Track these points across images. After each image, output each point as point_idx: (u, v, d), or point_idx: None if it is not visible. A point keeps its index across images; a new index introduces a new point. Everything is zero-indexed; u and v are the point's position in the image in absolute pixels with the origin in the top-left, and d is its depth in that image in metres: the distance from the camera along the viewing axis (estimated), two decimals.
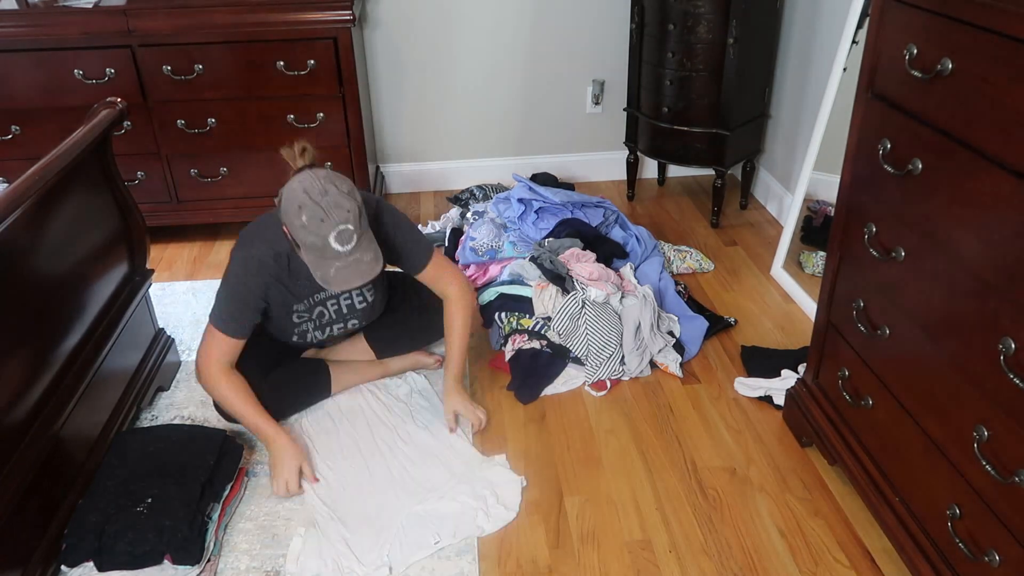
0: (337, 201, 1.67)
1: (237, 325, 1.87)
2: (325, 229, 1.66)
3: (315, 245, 1.68)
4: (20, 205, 1.56)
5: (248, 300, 1.87)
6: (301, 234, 1.68)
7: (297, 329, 2.00)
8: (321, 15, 2.68)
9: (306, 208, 1.66)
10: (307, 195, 1.67)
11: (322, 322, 2.02)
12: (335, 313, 2.02)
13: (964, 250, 1.30)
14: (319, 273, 1.72)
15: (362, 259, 1.73)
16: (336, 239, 1.67)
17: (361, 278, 1.74)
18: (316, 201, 1.66)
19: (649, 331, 2.27)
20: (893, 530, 1.57)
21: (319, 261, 1.71)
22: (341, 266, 1.71)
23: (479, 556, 1.71)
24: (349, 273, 1.72)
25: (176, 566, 1.64)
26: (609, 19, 3.24)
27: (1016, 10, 1.12)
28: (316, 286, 1.93)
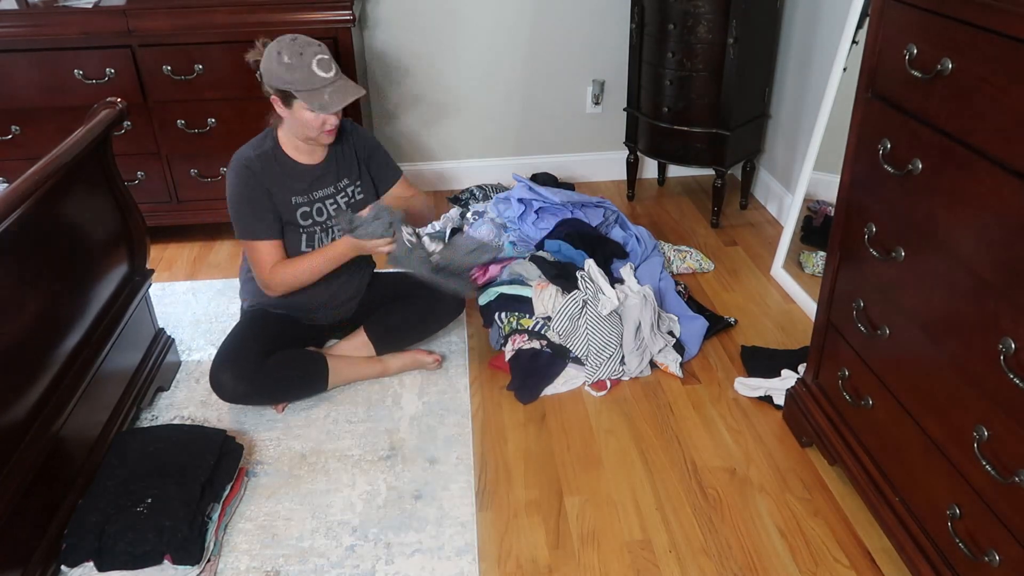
0: (307, 40, 1.91)
1: (264, 226, 2.01)
2: (306, 59, 1.87)
3: (303, 78, 1.87)
4: (20, 205, 1.56)
5: (256, 202, 2.00)
6: (288, 75, 1.87)
7: (305, 230, 2.08)
8: (321, 15, 2.68)
9: (284, 50, 1.88)
10: (279, 43, 1.90)
11: (325, 223, 2.10)
12: (333, 210, 2.11)
13: (964, 250, 1.30)
14: (315, 104, 1.89)
15: (347, 82, 1.94)
16: (318, 66, 1.88)
17: (354, 93, 1.93)
18: (289, 44, 1.89)
19: (649, 331, 2.27)
20: (893, 530, 1.57)
21: (311, 94, 1.88)
22: (331, 90, 1.90)
23: (479, 556, 1.71)
24: (340, 94, 1.91)
25: (176, 566, 1.64)
26: (609, 19, 3.24)
27: (1016, 10, 1.12)
28: (307, 181, 2.05)
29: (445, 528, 1.77)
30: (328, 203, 2.10)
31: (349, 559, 1.70)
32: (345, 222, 1.98)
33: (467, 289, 2.14)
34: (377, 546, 1.73)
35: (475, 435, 2.06)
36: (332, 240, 2.11)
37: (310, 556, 1.71)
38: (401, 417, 2.11)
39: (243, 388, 2.03)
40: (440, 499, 1.85)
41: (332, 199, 2.11)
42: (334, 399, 2.18)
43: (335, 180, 2.11)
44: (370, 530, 1.77)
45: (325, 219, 2.11)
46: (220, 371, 2.03)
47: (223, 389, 2.03)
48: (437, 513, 1.81)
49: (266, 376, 2.04)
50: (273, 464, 1.97)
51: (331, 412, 2.14)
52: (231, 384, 2.02)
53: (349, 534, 1.76)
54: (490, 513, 1.83)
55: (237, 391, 2.03)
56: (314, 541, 1.75)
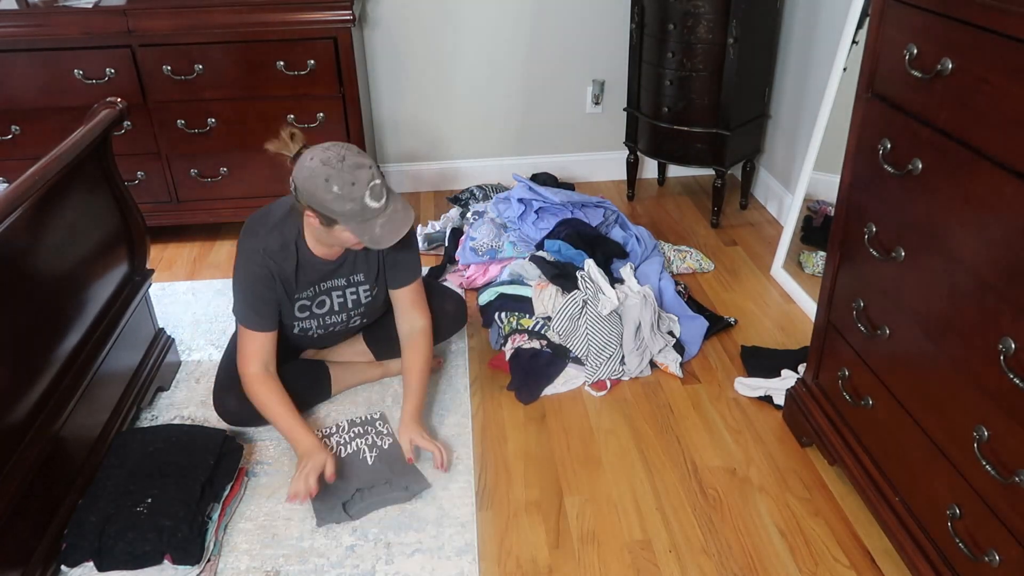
0: (357, 163, 1.71)
1: (260, 318, 1.88)
2: (358, 191, 1.68)
3: (354, 211, 1.70)
4: (20, 205, 1.56)
5: (263, 294, 1.87)
6: (337, 205, 1.69)
7: (299, 322, 1.98)
8: (321, 15, 2.68)
9: (333, 178, 1.68)
10: (328, 167, 1.68)
11: (323, 315, 2.00)
12: (339, 305, 2.00)
13: (964, 250, 1.30)
14: (366, 237, 1.74)
15: (397, 209, 1.77)
16: (371, 197, 1.70)
17: (406, 225, 1.77)
18: (340, 169, 1.68)
19: (649, 331, 2.27)
20: (893, 530, 1.57)
21: (361, 226, 1.73)
22: (383, 222, 1.74)
23: (479, 556, 1.71)
24: (393, 226, 1.75)
25: (176, 566, 1.64)
26: (609, 19, 3.24)
27: (1016, 10, 1.13)
28: (320, 273, 1.93)
29: (445, 528, 1.77)
30: (335, 295, 1.98)
31: (349, 559, 1.70)
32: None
33: (415, 484, 1.87)
34: (377, 546, 1.73)
35: (475, 435, 2.06)
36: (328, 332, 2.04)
37: (310, 556, 1.71)
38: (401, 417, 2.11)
39: (249, 410, 1.95)
40: (440, 499, 1.85)
41: (340, 292, 1.99)
42: (334, 399, 2.18)
43: (349, 273, 1.97)
44: (370, 530, 1.77)
45: (326, 312, 1.99)
46: (225, 395, 1.98)
47: (229, 413, 1.99)
48: (437, 513, 1.81)
49: None
50: (273, 464, 1.97)
51: (331, 412, 2.13)
52: (236, 407, 1.97)
53: (349, 534, 1.76)
54: (490, 513, 1.83)
55: (243, 413, 1.98)
56: (314, 541, 1.75)
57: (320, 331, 2.03)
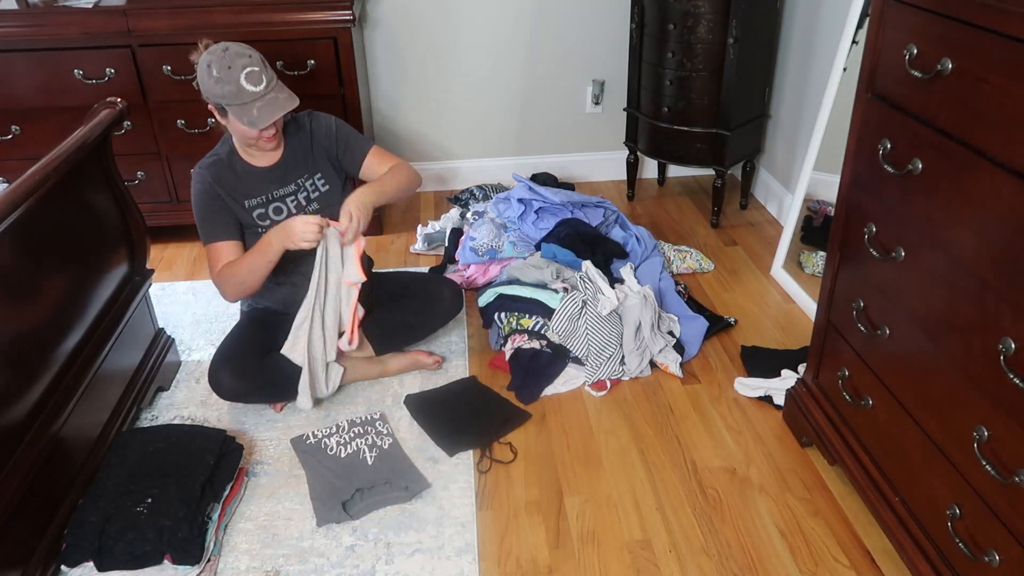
0: (238, 51, 1.88)
1: (219, 229, 2.01)
2: (234, 74, 1.85)
3: (231, 92, 1.86)
4: (20, 205, 1.56)
5: (212, 205, 2.00)
6: (217, 88, 1.86)
7: (263, 230, 2.04)
8: (321, 15, 2.68)
9: (213, 64, 1.86)
10: (211, 55, 1.88)
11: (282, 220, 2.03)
12: (295, 208, 2.09)
13: (964, 250, 1.30)
14: (245, 119, 1.88)
15: (277, 96, 1.91)
16: (247, 80, 1.86)
17: (281, 110, 1.91)
18: (219, 56, 1.87)
19: (649, 331, 2.27)
20: (893, 530, 1.57)
21: (241, 109, 1.88)
22: (260, 104, 1.88)
23: (479, 556, 1.71)
24: (269, 109, 1.89)
25: (176, 566, 1.64)
26: (609, 19, 3.24)
27: (1016, 10, 1.12)
28: (264, 182, 2.05)
29: (445, 528, 1.77)
30: (289, 200, 2.09)
31: (349, 559, 1.70)
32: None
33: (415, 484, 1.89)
34: (377, 546, 1.73)
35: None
36: None
37: (310, 556, 1.71)
38: (401, 417, 2.11)
39: (242, 386, 2.03)
40: (440, 499, 1.85)
41: (292, 196, 2.09)
42: (334, 399, 2.18)
43: (295, 177, 2.10)
44: (370, 530, 1.77)
45: (285, 216, 2.07)
46: (219, 369, 2.03)
47: (222, 387, 2.04)
48: (437, 513, 1.81)
49: (264, 374, 2.04)
50: (273, 464, 1.97)
51: (331, 412, 2.13)
52: (229, 382, 2.02)
53: (349, 534, 1.76)
54: (490, 513, 1.83)
55: (236, 389, 2.04)
56: (314, 541, 1.75)
57: None
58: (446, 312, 2.30)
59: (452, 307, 2.30)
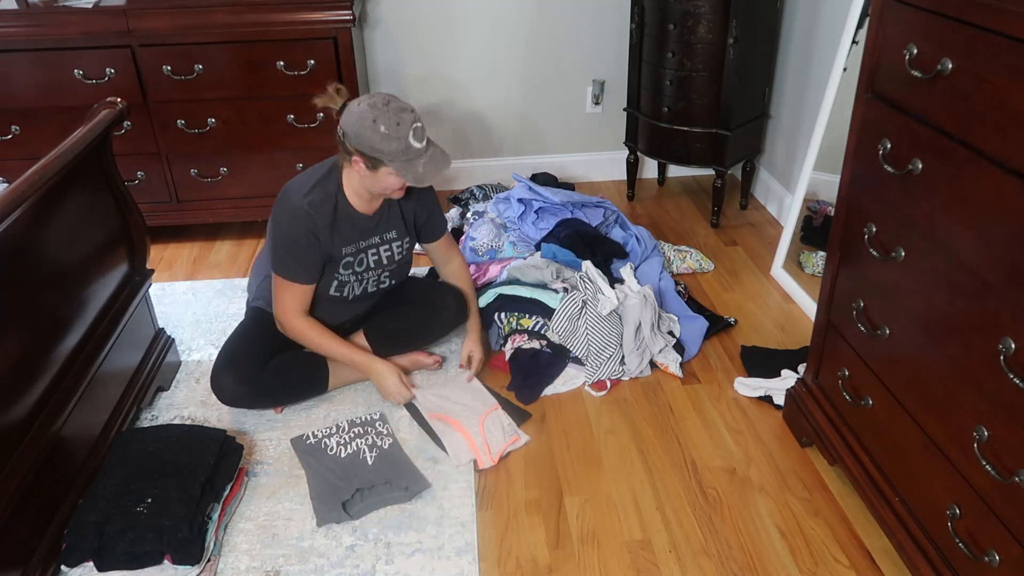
0: (401, 107, 1.87)
1: (303, 270, 2.00)
2: (403, 131, 1.84)
3: (398, 149, 1.84)
4: (20, 205, 1.55)
5: (304, 249, 1.98)
6: (384, 144, 1.83)
7: (339, 278, 2.08)
8: (321, 15, 2.68)
9: (381, 119, 1.83)
10: (375, 109, 1.84)
11: (362, 272, 2.11)
12: (374, 262, 2.12)
13: (964, 250, 1.30)
14: (410, 176, 1.88)
15: (437, 151, 1.92)
16: (414, 138, 1.85)
17: (446, 165, 1.92)
18: (386, 111, 1.84)
19: (649, 331, 2.26)
20: (893, 530, 1.57)
21: (406, 165, 1.87)
22: (425, 161, 1.89)
23: (479, 556, 1.71)
24: (434, 164, 1.90)
25: (176, 566, 1.64)
26: (609, 19, 3.24)
27: (1016, 10, 1.13)
28: (360, 230, 2.05)
29: (445, 528, 1.77)
30: (370, 253, 2.10)
31: (349, 559, 1.70)
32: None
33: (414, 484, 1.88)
34: (377, 546, 1.73)
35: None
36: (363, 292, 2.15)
37: (310, 556, 1.71)
38: (401, 417, 2.11)
39: (244, 391, 2.03)
40: (440, 499, 1.85)
41: (375, 250, 2.10)
42: (334, 399, 2.18)
43: (384, 231, 2.10)
44: (370, 530, 1.77)
45: (364, 269, 2.10)
46: (221, 374, 2.02)
47: (224, 392, 2.03)
48: (437, 513, 1.81)
49: (267, 380, 2.04)
50: (273, 464, 1.97)
51: (331, 412, 2.13)
52: (232, 386, 2.02)
53: (349, 534, 1.76)
54: (490, 513, 1.83)
55: (238, 394, 2.03)
56: (314, 541, 1.75)
57: (357, 289, 2.13)
58: (450, 321, 2.28)
59: (456, 316, 2.27)
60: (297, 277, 2.00)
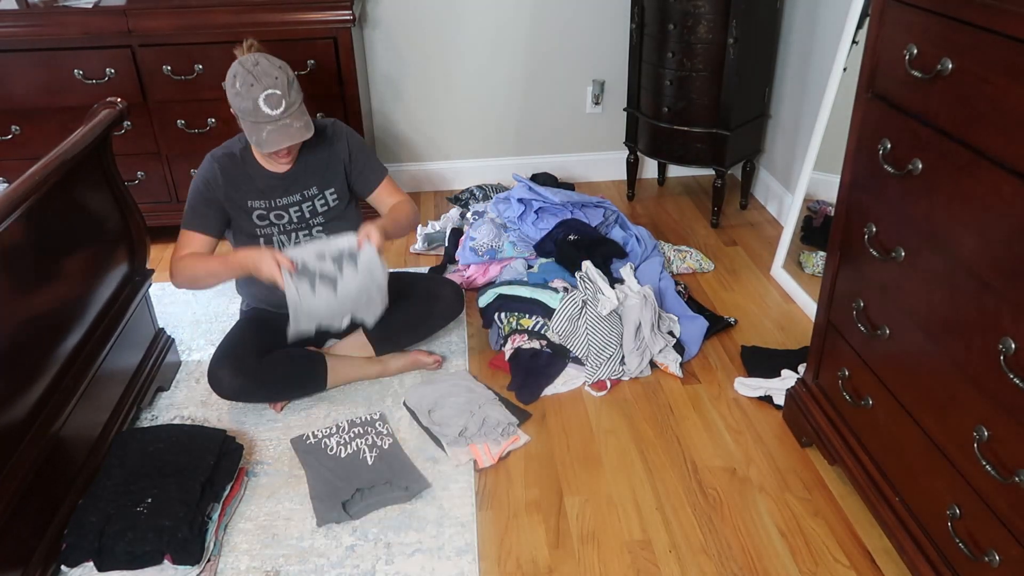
0: (266, 70, 1.85)
1: (198, 219, 2.04)
2: (255, 92, 1.83)
3: (247, 109, 1.85)
4: (20, 205, 1.56)
5: (206, 196, 2.02)
6: (236, 101, 1.86)
7: (261, 231, 2.07)
8: (321, 15, 2.68)
9: (239, 76, 1.85)
10: (240, 65, 1.86)
11: (285, 226, 2.09)
12: (297, 218, 2.09)
13: (964, 250, 1.30)
14: (254, 138, 1.88)
15: (292, 124, 1.88)
16: (265, 102, 1.83)
17: (290, 139, 1.88)
18: (248, 69, 1.85)
19: (649, 331, 2.26)
20: (893, 530, 1.57)
21: (253, 126, 1.87)
22: (272, 128, 1.86)
23: (479, 556, 1.71)
24: (279, 135, 1.87)
25: (176, 566, 1.64)
26: (609, 19, 3.24)
27: (1016, 10, 1.13)
28: (271, 186, 2.04)
29: (445, 528, 1.77)
30: (292, 210, 2.08)
31: (349, 559, 1.70)
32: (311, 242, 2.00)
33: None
34: (377, 546, 1.73)
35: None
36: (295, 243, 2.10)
37: (310, 556, 1.71)
38: (401, 417, 2.11)
39: (240, 383, 2.03)
40: (440, 499, 1.85)
41: (297, 206, 2.08)
42: (334, 399, 2.18)
43: (303, 187, 2.09)
44: (370, 530, 1.77)
45: (286, 222, 2.09)
46: (218, 366, 2.03)
47: (221, 384, 2.03)
48: (437, 513, 1.81)
49: (264, 372, 2.04)
50: (273, 464, 1.97)
51: (331, 412, 2.14)
52: (228, 379, 2.02)
53: (349, 534, 1.76)
54: (490, 513, 1.83)
55: (234, 386, 2.03)
56: (314, 541, 1.75)
57: (284, 239, 2.11)
58: (447, 312, 2.29)
59: (453, 307, 2.30)
60: (191, 225, 2.03)
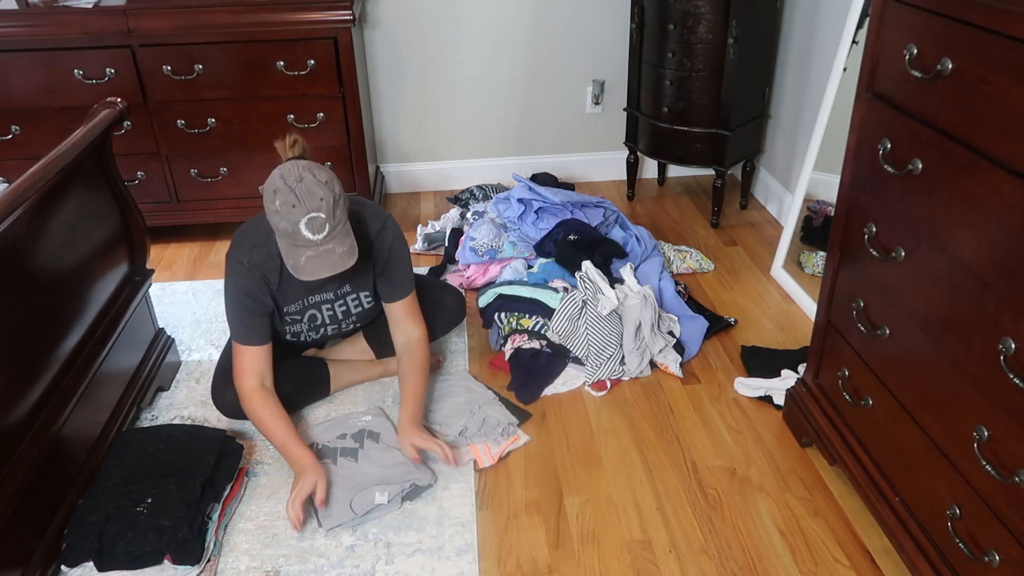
0: (311, 189, 1.66)
1: (252, 331, 1.87)
2: (296, 215, 1.65)
3: (286, 231, 1.67)
4: (20, 205, 1.56)
5: (252, 306, 1.86)
6: (275, 220, 1.68)
7: (290, 329, 1.99)
8: (321, 15, 2.68)
9: (280, 193, 1.66)
10: (283, 180, 1.67)
11: (315, 325, 2.01)
12: (329, 318, 2.00)
13: (964, 250, 1.30)
14: (290, 261, 1.71)
15: (334, 250, 1.71)
16: (307, 226, 1.65)
17: (331, 269, 1.71)
18: (290, 187, 1.65)
19: (649, 331, 2.26)
20: (893, 530, 1.57)
21: (291, 249, 1.70)
22: (311, 255, 1.69)
23: (479, 556, 1.71)
24: (319, 263, 1.70)
25: (176, 566, 1.64)
26: (609, 19, 3.24)
27: (1016, 10, 1.13)
28: (307, 287, 1.90)
29: (445, 528, 1.77)
30: (324, 308, 1.98)
31: (349, 559, 1.70)
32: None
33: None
34: (377, 546, 1.73)
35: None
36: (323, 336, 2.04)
37: (310, 556, 1.71)
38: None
39: None
40: (440, 499, 1.85)
41: (330, 305, 1.98)
42: (334, 399, 2.18)
43: (336, 288, 1.97)
44: (370, 530, 1.77)
45: (320, 324, 2.00)
46: (223, 388, 1.99)
47: (226, 405, 2.00)
48: (437, 513, 1.81)
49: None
50: (273, 464, 1.96)
51: (331, 412, 2.13)
52: (234, 400, 1.96)
53: (349, 534, 1.76)
54: (490, 513, 1.83)
55: (238, 407, 1.97)
56: (314, 541, 1.75)
57: (313, 335, 2.03)
58: (448, 320, 2.25)
59: (455, 315, 2.26)
60: (250, 340, 1.87)
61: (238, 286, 1.85)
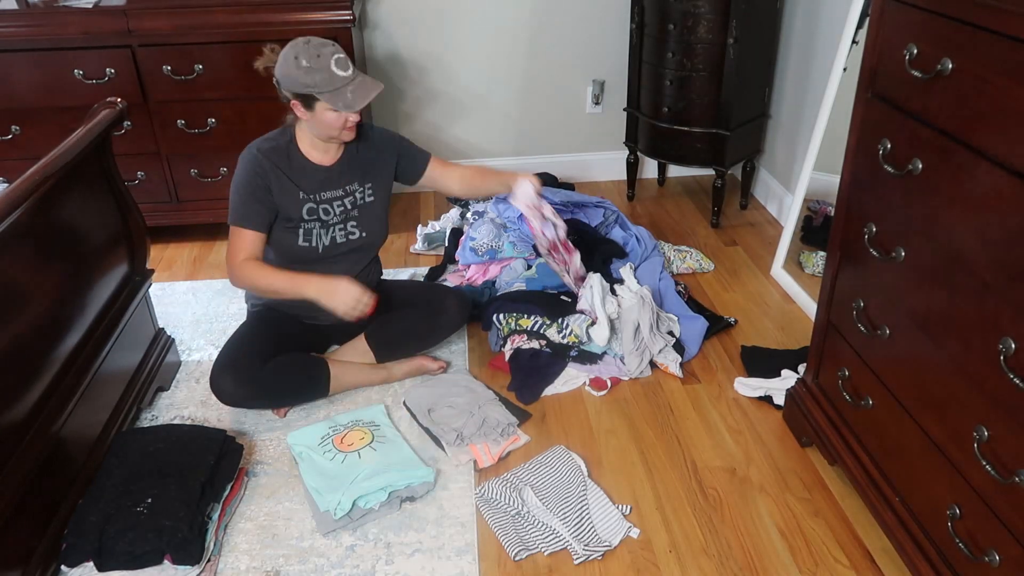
0: (321, 41, 1.91)
1: (253, 217, 2.01)
2: (324, 61, 1.88)
3: (323, 79, 1.88)
4: (20, 205, 1.56)
5: (254, 192, 2.00)
6: (307, 78, 1.87)
7: (304, 225, 2.07)
8: (321, 15, 2.68)
9: (300, 53, 1.88)
10: (295, 47, 1.89)
11: (328, 221, 2.10)
12: (339, 212, 2.11)
13: (964, 250, 1.30)
14: (340, 103, 1.90)
15: (366, 79, 1.96)
16: (337, 66, 1.89)
17: (374, 90, 1.95)
18: (305, 47, 1.89)
19: (648, 332, 2.26)
20: (893, 530, 1.57)
21: (334, 94, 1.89)
22: (352, 88, 1.92)
23: (479, 556, 1.71)
24: (361, 90, 1.93)
25: (176, 566, 1.64)
26: (609, 19, 3.24)
27: (1016, 10, 1.13)
28: (318, 181, 2.06)
29: (445, 528, 1.77)
30: (335, 204, 2.10)
31: (349, 559, 1.70)
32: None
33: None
34: (377, 546, 1.73)
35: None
36: (330, 239, 2.11)
37: (310, 556, 1.71)
38: (401, 417, 2.11)
39: (243, 392, 2.02)
40: (440, 499, 1.85)
41: (340, 200, 2.11)
42: (335, 400, 2.18)
43: (345, 183, 2.11)
44: (370, 530, 1.77)
45: (329, 219, 2.10)
46: (220, 375, 2.01)
47: (223, 393, 2.02)
48: (437, 513, 1.81)
49: (267, 380, 2.03)
50: (273, 464, 1.97)
51: (331, 413, 2.13)
52: (231, 388, 2.01)
53: (349, 534, 1.76)
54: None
55: (237, 395, 2.02)
56: (314, 541, 1.75)
57: (326, 239, 2.11)
58: (451, 324, 2.25)
59: (457, 319, 2.26)
60: (245, 222, 2.00)
61: (246, 169, 2.01)
